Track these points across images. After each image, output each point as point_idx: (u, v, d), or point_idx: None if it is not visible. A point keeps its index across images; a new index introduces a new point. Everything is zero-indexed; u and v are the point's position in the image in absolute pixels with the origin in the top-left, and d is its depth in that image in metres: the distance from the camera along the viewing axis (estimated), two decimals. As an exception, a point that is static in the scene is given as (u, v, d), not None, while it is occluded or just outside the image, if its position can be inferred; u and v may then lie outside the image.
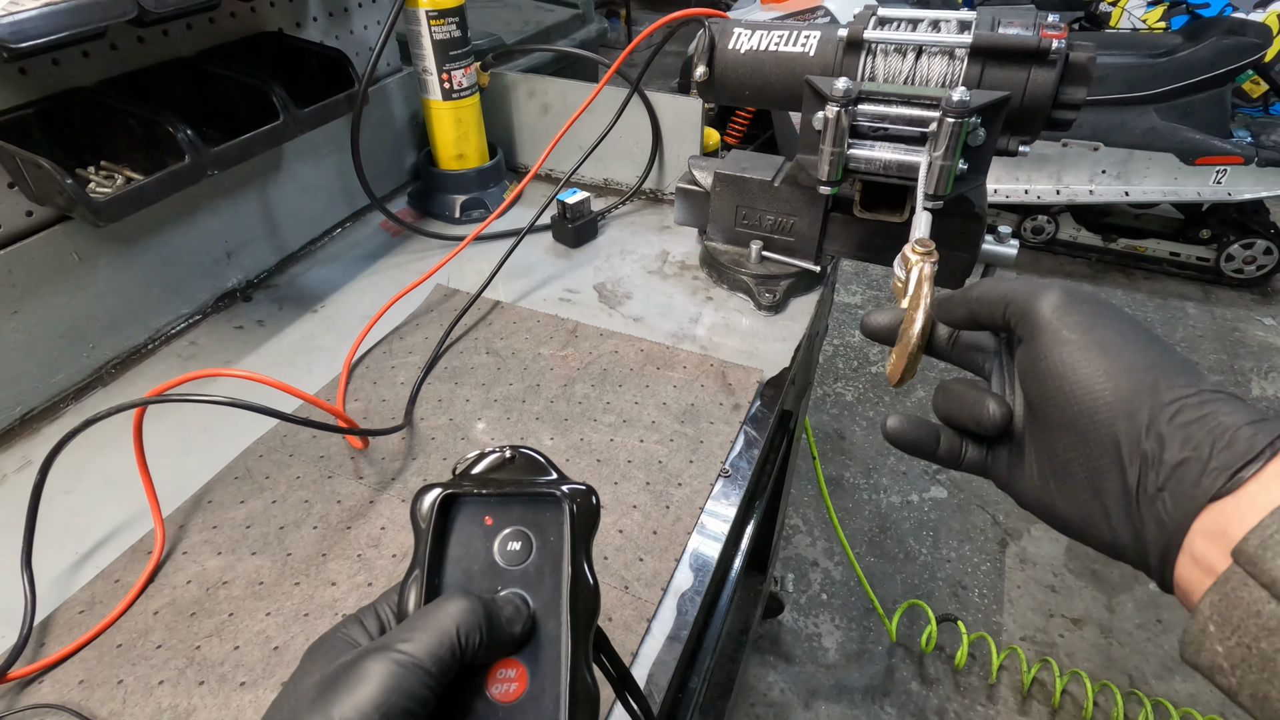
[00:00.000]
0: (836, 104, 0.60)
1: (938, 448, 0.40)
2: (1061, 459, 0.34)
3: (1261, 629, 0.26)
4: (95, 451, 0.63)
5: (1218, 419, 0.29)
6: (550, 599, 0.30)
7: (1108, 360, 0.32)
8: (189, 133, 0.63)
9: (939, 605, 1.68)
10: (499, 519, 0.32)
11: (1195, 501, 0.28)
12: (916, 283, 0.41)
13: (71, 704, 0.45)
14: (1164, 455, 0.29)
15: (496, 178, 1.02)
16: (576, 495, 0.32)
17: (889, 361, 0.42)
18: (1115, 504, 0.31)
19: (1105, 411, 0.31)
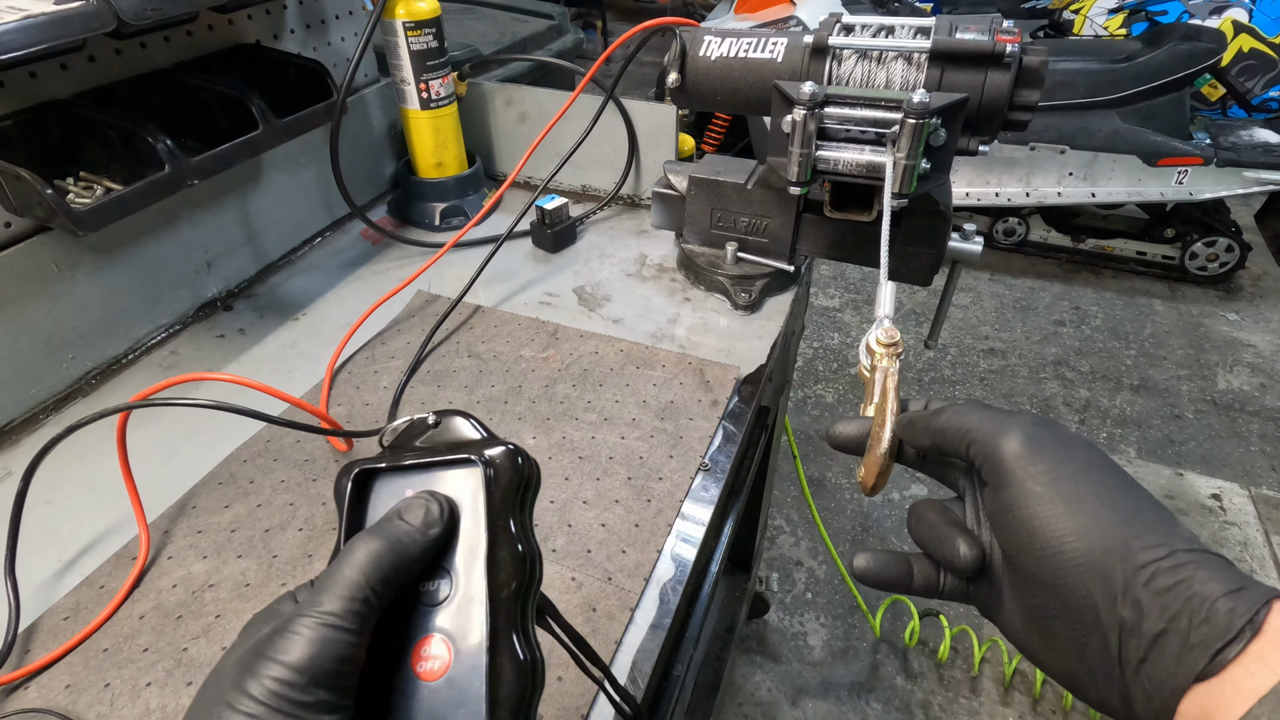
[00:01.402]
0: (803, 107, 0.62)
1: (912, 581, 0.39)
2: (1040, 614, 0.33)
3: None
4: (76, 460, 0.63)
5: (1194, 587, 0.28)
6: (473, 569, 0.28)
7: (1076, 517, 0.31)
8: (168, 143, 0.64)
9: (921, 601, 1.70)
10: (420, 489, 0.30)
11: (1179, 679, 0.28)
12: (881, 393, 0.40)
13: (58, 708, 0.46)
14: (1143, 625, 0.29)
15: (475, 185, 1.03)
16: (495, 458, 0.30)
17: (859, 472, 0.41)
18: (1100, 667, 0.31)
19: (1078, 573, 0.31)
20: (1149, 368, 2.43)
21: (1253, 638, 0.27)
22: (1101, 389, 2.35)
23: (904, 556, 0.39)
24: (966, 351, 2.50)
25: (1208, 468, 2.04)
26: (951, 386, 2.35)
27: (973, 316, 2.68)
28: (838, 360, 2.47)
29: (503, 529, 0.29)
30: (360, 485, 0.31)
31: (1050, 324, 2.65)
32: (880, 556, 0.40)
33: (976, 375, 2.40)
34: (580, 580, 0.53)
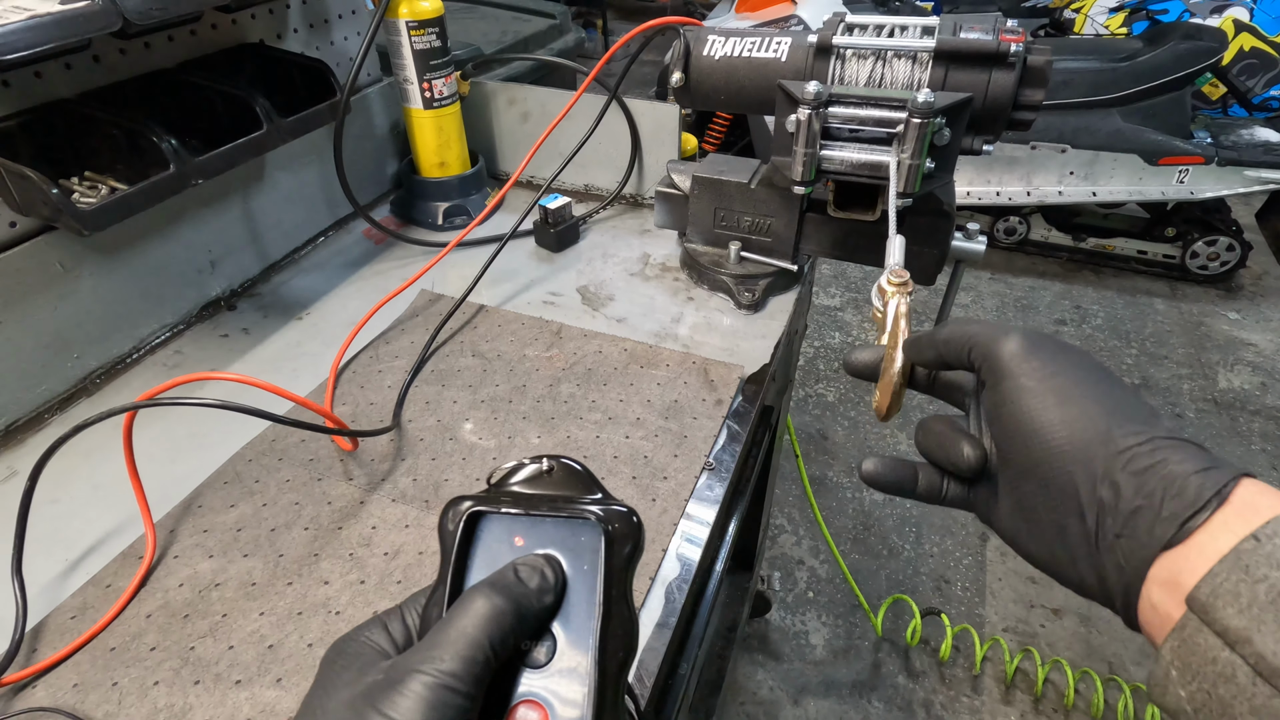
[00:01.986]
0: (808, 106, 0.62)
1: (916, 485, 0.41)
2: (1028, 502, 0.35)
3: (1218, 676, 0.27)
4: (81, 460, 0.63)
5: (1168, 467, 0.30)
6: (579, 633, 0.27)
7: (1064, 408, 0.33)
8: (173, 142, 0.64)
9: (923, 599, 1.70)
10: (529, 540, 0.29)
11: (1149, 549, 0.29)
12: (894, 320, 0.43)
13: (66, 707, 0.46)
14: (1119, 503, 0.30)
15: (478, 185, 1.03)
16: (614, 519, 0.29)
17: (874, 398, 0.43)
18: (1078, 548, 0.32)
19: (1062, 459, 0.32)
20: (1150, 366, 2.43)
21: (1218, 507, 0.28)
22: (1102, 388, 2.34)
23: (910, 463, 0.41)
24: (967, 350, 2.50)
25: (1209, 467, 2.04)
26: (952, 385, 2.35)
27: (973, 315, 2.68)
28: (839, 359, 2.47)
29: (616, 599, 0.28)
30: (470, 525, 0.29)
31: (1051, 323, 2.65)
32: (887, 461, 0.41)
33: (977, 374, 2.39)
34: (586, 579, 0.54)
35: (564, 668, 0.27)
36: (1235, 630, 0.26)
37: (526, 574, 0.28)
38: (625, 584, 0.29)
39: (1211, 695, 0.27)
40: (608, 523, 0.29)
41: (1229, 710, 0.27)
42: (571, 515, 0.29)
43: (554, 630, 0.28)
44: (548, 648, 0.27)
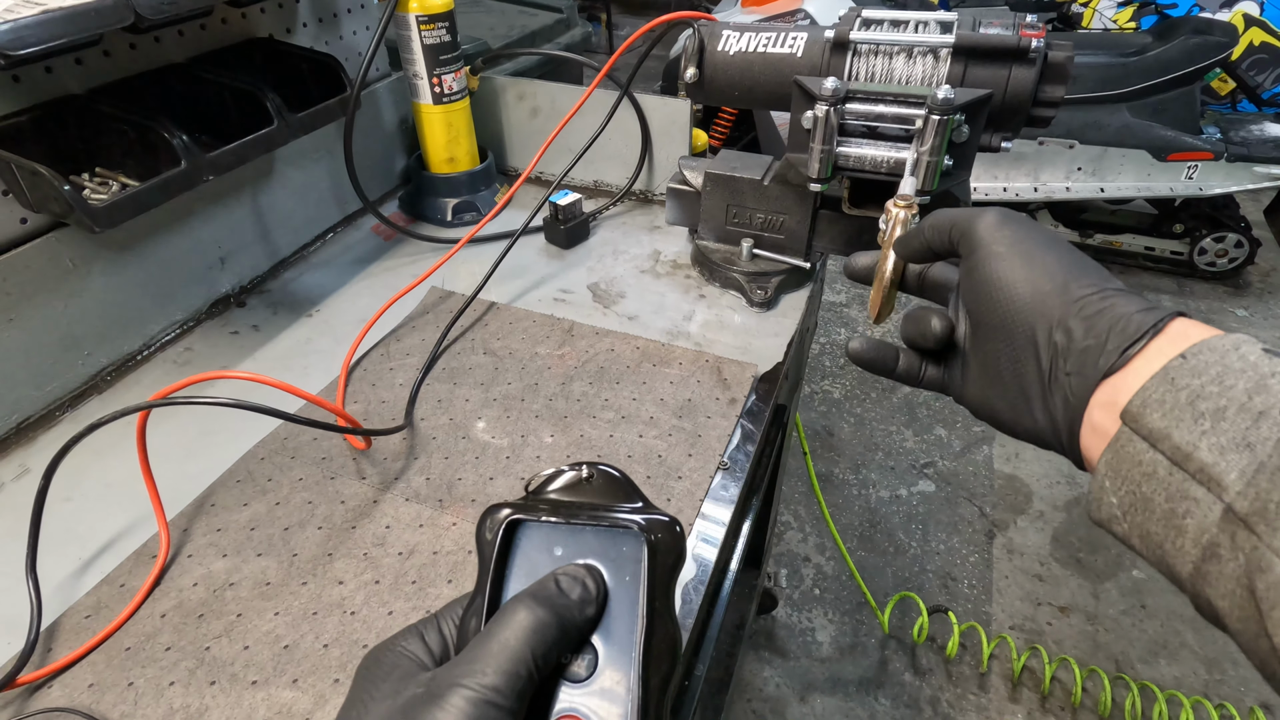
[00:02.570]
0: (825, 103, 0.61)
1: (896, 366, 0.45)
2: (993, 360, 0.38)
3: (1143, 475, 0.30)
4: (93, 458, 0.63)
5: (1116, 310, 0.33)
6: (622, 648, 0.26)
7: (1028, 268, 0.36)
8: (184, 138, 0.64)
9: (929, 597, 1.70)
10: (569, 550, 0.28)
11: (1093, 379, 0.33)
12: (890, 227, 0.48)
13: (82, 707, 0.46)
14: (1071, 344, 0.34)
15: (487, 181, 1.03)
16: (656, 529, 0.28)
17: (869, 300, 0.49)
18: (1034, 393, 0.36)
19: (1024, 312, 0.36)
20: (1157, 364, 2.42)
21: (1154, 337, 0.32)
22: (1109, 385, 2.34)
23: (893, 345, 0.46)
24: (974, 347, 2.49)
25: (1216, 464, 2.03)
26: (959, 382, 2.34)
27: (980, 312, 2.67)
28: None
29: (660, 612, 0.27)
30: (509, 532, 0.29)
31: (1058, 320, 2.64)
32: (872, 341, 0.46)
33: (984, 371, 2.39)
34: (602, 580, 0.53)
35: (606, 683, 0.26)
36: (1158, 430, 0.29)
37: (568, 585, 0.27)
38: (668, 596, 0.28)
39: (1136, 494, 0.30)
40: (650, 533, 0.28)
41: (1149, 504, 0.29)
42: (613, 525, 0.29)
43: (595, 644, 0.27)
44: (589, 661, 0.27)
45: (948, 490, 1.98)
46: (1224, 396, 0.28)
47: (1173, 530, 0.29)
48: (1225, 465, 0.27)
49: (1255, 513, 0.26)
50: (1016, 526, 1.88)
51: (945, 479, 2.01)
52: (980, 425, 2.18)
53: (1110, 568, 1.77)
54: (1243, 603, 0.27)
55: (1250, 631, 0.27)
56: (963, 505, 1.94)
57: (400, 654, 0.28)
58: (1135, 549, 0.32)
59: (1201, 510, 0.28)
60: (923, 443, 2.13)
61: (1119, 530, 0.32)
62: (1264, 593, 0.26)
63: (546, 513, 0.29)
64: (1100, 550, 1.81)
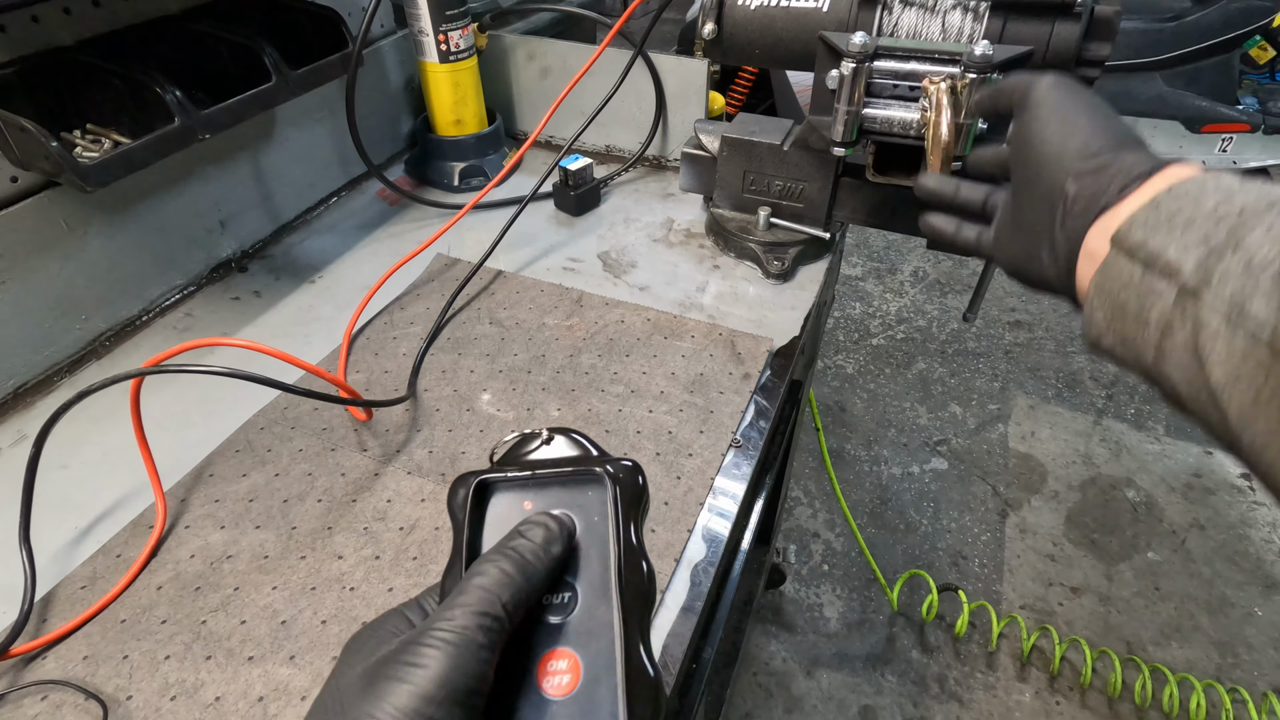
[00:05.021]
0: (853, 60, 0.57)
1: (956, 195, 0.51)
2: (1021, 213, 0.43)
3: (1122, 285, 0.33)
4: (91, 425, 0.62)
5: (1124, 161, 0.37)
6: (599, 583, 0.28)
7: (1062, 127, 0.40)
8: (178, 94, 0.61)
9: (939, 575, 1.69)
10: (538, 503, 0.30)
11: (1091, 214, 0.37)
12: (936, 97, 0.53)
13: (76, 679, 0.45)
14: (1080, 192, 0.38)
15: (496, 144, 0.99)
16: (620, 472, 0.30)
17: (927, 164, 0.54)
18: (1046, 238, 0.40)
19: (1049, 166, 0.39)
20: (1181, 343, 2.36)
21: (1149, 178, 0.36)
22: (1130, 364, 2.28)
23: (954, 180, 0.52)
24: (992, 324, 2.44)
25: (1238, 447, 1.98)
26: (975, 359, 2.30)
27: (999, 288, 2.61)
28: (859, 330, 2.42)
29: (630, 547, 0.29)
30: (479, 497, 0.30)
31: (1079, 296, 2.58)
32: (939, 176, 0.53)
33: (1001, 348, 2.34)
34: (608, 559, 0.51)
35: (587, 617, 0.28)
36: (1137, 243, 0.33)
37: (529, 530, 0.28)
38: (637, 532, 0.30)
39: (1116, 303, 0.34)
40: (613, 476, 0.30)
41: (1125, 309, 0.33)
42: (577, 474, 0.31)
43: (574, 585, 0.28)
44: (568, 601, 0.28)
45: (961, 468, 1.96)
46: (1196, 211, 0.32)
47: (1141, 325, 0.32)
48: (1185, 258, 0.31)
49: (1201, 283, 0.30)
50: (1030, 506, 1.86)
51: (959, 457, 1.99)
52: (995, 403, 2.14)
53: (1125, 549, 1.75)
54: (1189, 368, 0.30)
55: (1200, 400, 0.30)
56: (976, 483, 1.92)
57: (381, 628, 0.27)
58: (1119, 359, 0.35)
59: (1163, 298, 0.31)
60: (936, 420, 2.10)
61: (1106, 344, 0.35)
62: (1203, 345, 0.29)
63: (513, 473, 0.31)
64: (1115, 531, 1.78)
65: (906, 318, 2.48)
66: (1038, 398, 2.17)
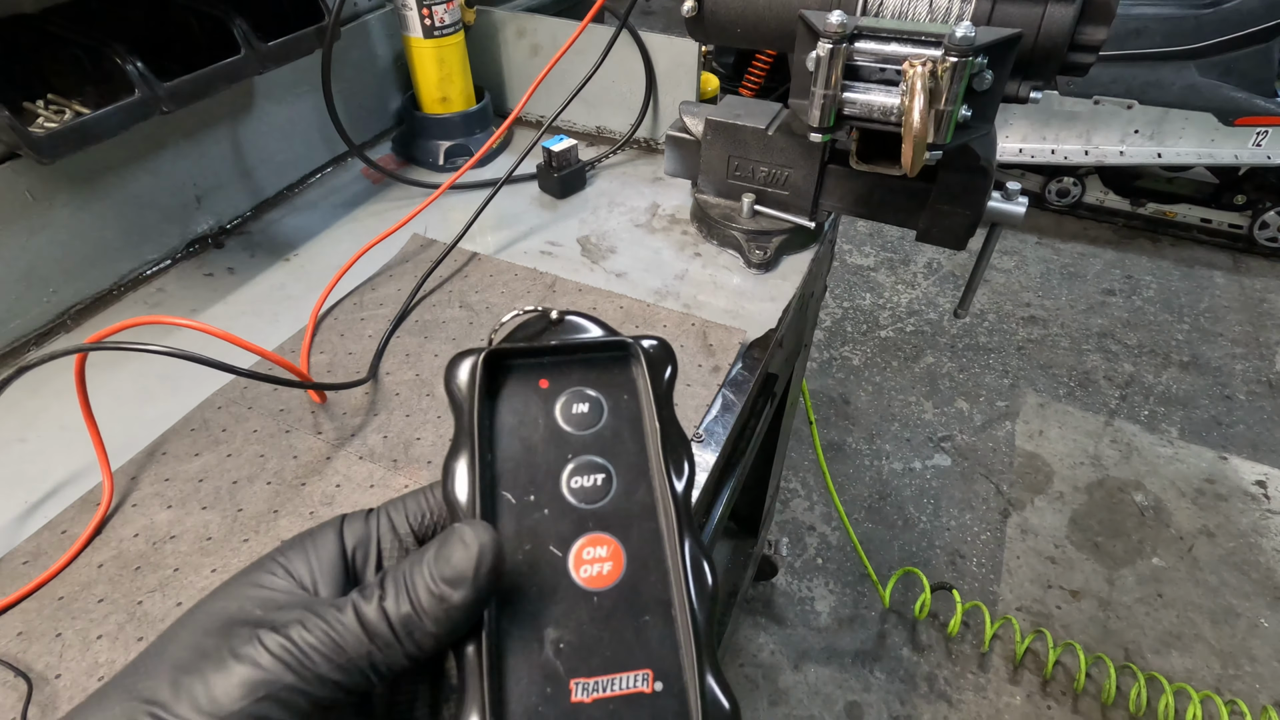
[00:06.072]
0: (829, 40, 0.54)
1: None
2: None
3: None
4: (53, 398, 0.62)
5: None
6: (637, 464, 0.25)
7: None
8: (139, 65, 0.60)
9: (936, 574, 1.67)
10: (556, 381, 0.26)
11: None
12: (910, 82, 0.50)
13: (8, 656, 0.44)
14: None
15: (483, 123, 0.97)
16: (650, 346, 0.27)
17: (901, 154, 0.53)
18: None
19: None
20: (1201, 344, 2.29)
21: None
22: (1148, 364, 2.22)
23: None
24: (1005, 318, 2.39)
25: (1255, 453, 1.93)
26: (986, 354, 2.25)
27: (1015, 282, 2.55)
28: (868, 322, 2.38)
29: (668, 419, 0.26)
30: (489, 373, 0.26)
31: (1099, 293, 2.51)
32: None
33: (1014, 344, 2.29)
34: (553, 554, 0.50)
35: (625, 500, 0.24)
36: None
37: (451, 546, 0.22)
38: (671, 406, 0.27)
39: None
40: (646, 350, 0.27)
41: None
42: (601, 344, 0.27)
43: (608, 467, 0.25)
44: (602, 484, 0.25)
45: (964, 465, 1.92)
46: None
47: None
48: None
49: None
50: (1033, 506, 1.82)
51: (962, 454, 1.95)
52: (1004, 400, 2.10)
53: (1129, 554, 1.71)
54: None
55: None
56: (979, 482, 1.88)
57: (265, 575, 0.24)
58: None
59: None
60: (942, 415, 2.06)
61: None
62: None
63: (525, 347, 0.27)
64: (1120, 536, 1.74)
65: (917, 310, 2.43)
66: (1048, 396, 2.12)
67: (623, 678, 0.21)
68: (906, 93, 0.51)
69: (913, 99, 0.50)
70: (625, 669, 0.21)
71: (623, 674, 0.21)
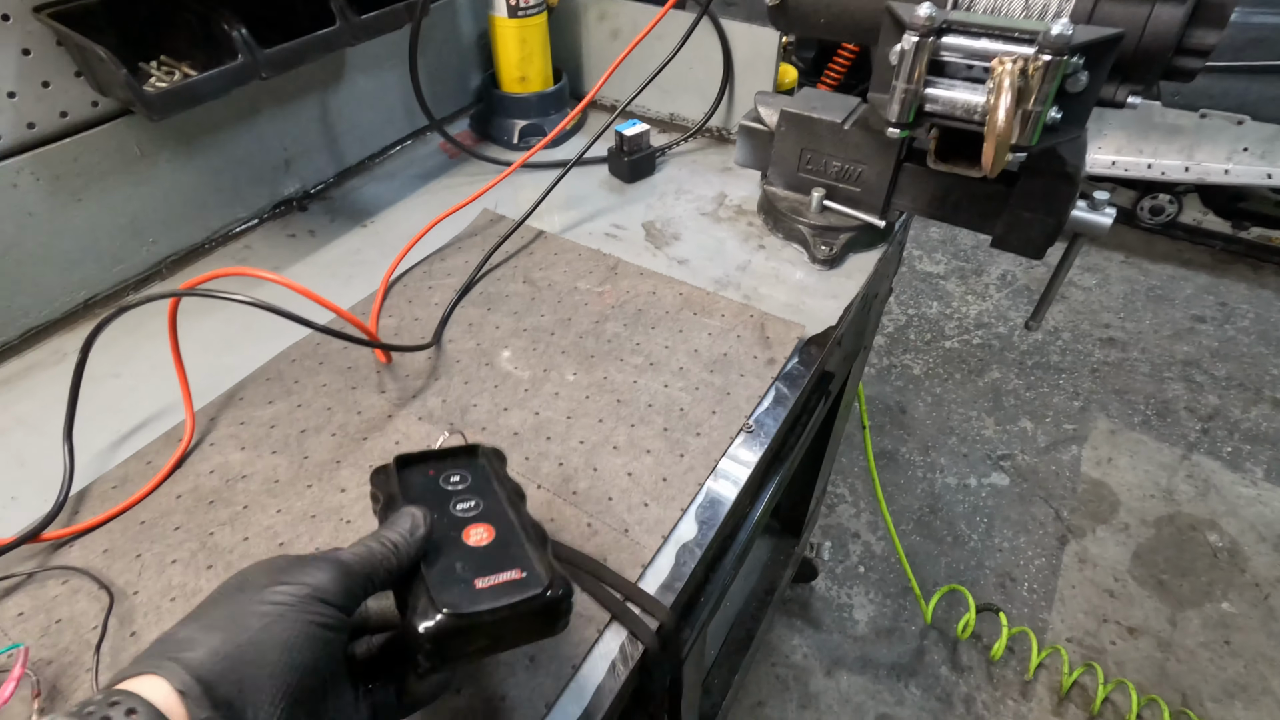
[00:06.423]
0: (916, 33, 0.53)
1: None
2: None
3: None
4: (146, 339, 0.66)
5: None
6: (493, 497, 0.42)
7: None
8: (243, 32, 0.63)
9: (983, 594, 1.61)
10: (437, 469, 0.44)
11: None
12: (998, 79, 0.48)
13: (94, 570, 0.48)
14: None
15: (559, 104, 0.99)
16: (484, 446, 0.46)
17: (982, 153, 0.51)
18: None
19: None
20: (1299, 382, 2.13)
21: None
22: (1235, 398, 2.08)
23: None
24: (1081, 338, 2.28)
25: (1350, 503, 1.79)
26: (1057, 374, 2.15)
27: (1095, 300, 2.42)
28: (933, 331, 2.31)
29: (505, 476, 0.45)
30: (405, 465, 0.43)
31: (1187, 319, 2.36)
32: None
33: (1088, 366, 2.18)
34: (596, 528, 0.51)
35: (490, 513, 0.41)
36: None
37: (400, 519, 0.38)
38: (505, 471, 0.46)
39: None
40: (480, 448, 0.46)
41: None
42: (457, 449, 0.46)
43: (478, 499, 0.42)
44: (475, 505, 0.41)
45: (1023, 487, 1.85)
46: None
47: None
48: None
49: None
50: (1095, 536, 1.74)
51: (1022, 474, 1.88)
52: (1072, 423, 2.00)
53: (1196, 595, 1.61)
54: None
55: None
56: (1037, 505, 1.81)
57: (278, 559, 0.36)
58: None
59: None
60: (1004, 433, 1.98)
61: None
62: None
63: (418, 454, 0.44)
64: (1188, 576, 1.65)
65: (987, 323, 2.34)
66: (1121, 423, 2.01)
67: (502, 574, 0.36)
68: (993, 90, 0.49)
69: (999, 97, 0.48)
70: (502, 570, 0.36)
71: (502, 572, 0.36)
